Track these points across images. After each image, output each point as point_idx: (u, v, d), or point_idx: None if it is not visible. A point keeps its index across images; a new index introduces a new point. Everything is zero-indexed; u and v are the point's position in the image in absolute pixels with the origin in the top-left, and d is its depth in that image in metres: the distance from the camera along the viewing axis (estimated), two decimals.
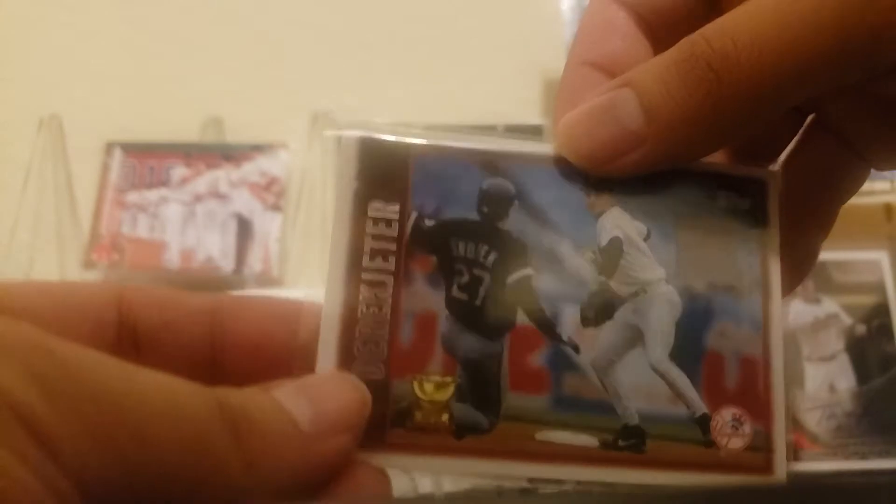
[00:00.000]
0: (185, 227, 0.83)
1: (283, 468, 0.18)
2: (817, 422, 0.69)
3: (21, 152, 0.83)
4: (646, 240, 0.24)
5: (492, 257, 0.23)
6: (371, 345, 0.22)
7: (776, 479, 0.23)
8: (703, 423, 0.23)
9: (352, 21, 0.94)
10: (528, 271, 0.23)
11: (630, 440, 0.23)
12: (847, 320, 0.74)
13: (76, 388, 0.15)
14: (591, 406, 0.23)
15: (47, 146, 0.83)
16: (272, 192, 0.84)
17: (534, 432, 0.23)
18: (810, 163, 0.26)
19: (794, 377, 0.71)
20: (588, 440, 0.23)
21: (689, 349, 0.24)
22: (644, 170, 0.23)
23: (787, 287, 0.24)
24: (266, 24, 0.94)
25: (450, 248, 0.23)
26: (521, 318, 0.23)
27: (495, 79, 0.92)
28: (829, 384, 0.71)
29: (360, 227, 0.23)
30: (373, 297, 0.23)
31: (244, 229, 0.83)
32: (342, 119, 0.85)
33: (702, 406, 0.23)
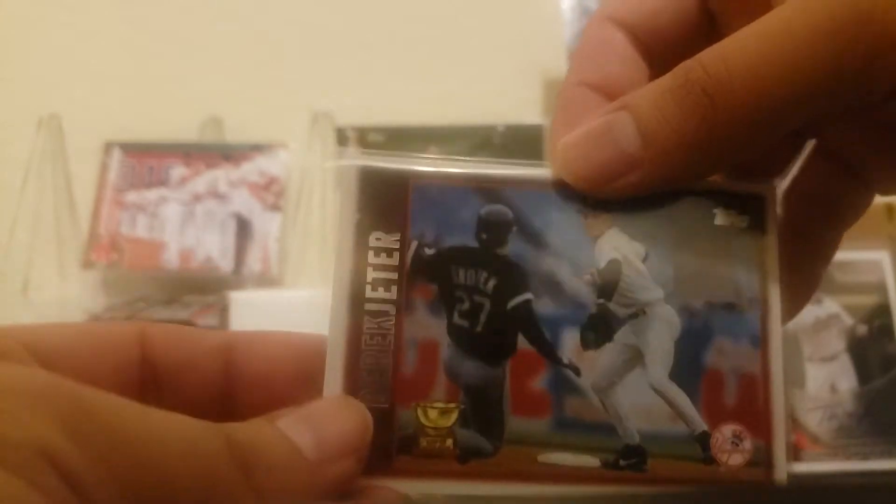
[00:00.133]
0: (184, 226, 0.83)
1: (291, 496, 0.19)
2: (818, 422, 0.69)
3: (20, 152, 0.83)
4: (644, 261, 0.24)
5: (491, 283, 0.24)
6: (375, 374, 0.23)
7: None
8: (704, 440, 0.23)
9: (352, 21, 0.94)
10: (528, 296, 0.24)
11: (631, 459, 0.23)
12: (848, 320, 0.74)
13: (101, 433, 0.16)
14: (593, 427, 0.23)
15: (46, 146, 0.83)
16: (271, 192, 0.84)
17: (536, 455, 0.23)
18: (812, 190, 0.26)
19: (795, 377, 0.71)
20: (590, 461, 0.23)
21: (689, 368, 0.24)
22: (640, 192, 0.23)
23: (788, 314, 0.25)
24: (266, 24, 0.94)
25: (450, 275, 0.24)
26: (522, 343, 0.23)
27: (495, 79, 0.92)
28: (830, 384, 0.71)
29: (362, 258, 0.23)
30: (376, 326, 0.23)
31: (243, 229, 0.83)
32: (342, 119, 0.85)
33: (702, 424, 0.24)
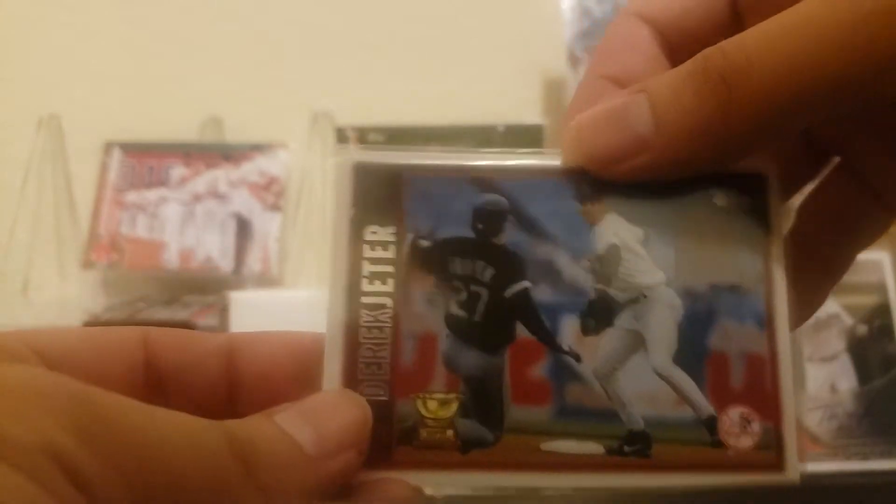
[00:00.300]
0: (184, 226, 0.83)
1: (293, 492, 0.19)
2: (818, 422, 0.69)
3: (20, 152, 0.83)
4: (644, 245, 0.24)
5: (489, 273, 0.24)
6: (374, 367, 0.23)
7: (789, 476, 0.23)
8: (710, 424, 0.23)
9: (352, 21, 0.94)
10: (526, 284, 0.24)
11: (635, 445, 0.23)
12: (848, 320, 0.74)
13: (107, 432, 0.16)
14: (595, 414, 0.23)
15: (46, 146, 0.83)
16: (271, 192, 0.84)
17: (538, 443, 0.23)
18: (830, 207, 0.26)
19: (795, 378, 0.71)
20: (593, 448, 0.23)
21: (693, 351, 0.24)
22: (646, 176, 0.23)
23: (791, 324, 0.24)
24: (266, 24, 0.94)
25: (447, 266, 0.24)
26: (521, 331, 0.23)
27: (495, 79, 0.92)
28: (830, 384, 0.71)
29: (357, 252, 0.23)
30: (373, 319, 0.23)
31: (243, 229, 0.83)
32: (342, 119, 0.85)
33: (708, 407, 0.23)
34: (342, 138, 0.84)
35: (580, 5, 0.87)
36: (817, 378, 0.72)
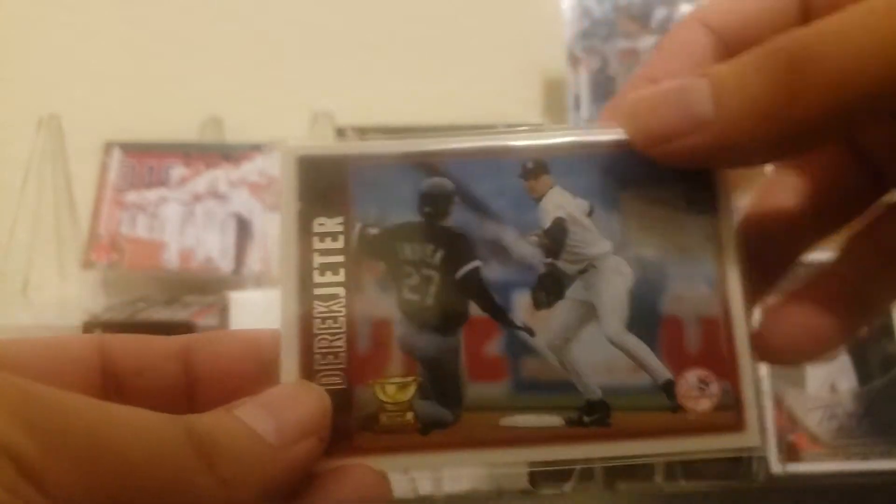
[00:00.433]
0: (184, 226, 0.83)
1: (256, 482, 0.19)
2: (818, 422, 0.69)
3: (20, 152, 0.83)
4: (589, 215, 0.24)
5: (438, 255, 0.24)
6: (330, 356, 0.23)
7: (749, 437, 0.23)
8: (668, 388, 0.23)
9: (352, 21, 0.94)
10: (476, 263, 0.24)
11: (594, 415, 0.23)
12: None
13: (58, 426, 0.16)
14: (552, 386, 0.23)
15: (46, 146, 0.83)
16: (272, 192, 0.84)
17: (498, 419, 0.23)
18: (876, 247, 0.25)
19: (795, 378, 0.71)
20: (553, 420, 0.23)
21: (646, 317, 0.24)
22: (698, 159, 0.22)
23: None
24: (266, 24, 0.94)
25: (396, 252, 0.24)
26: (474, 310, 0.24)
27: (495, 79, 0.92)
28: (830, 384, 0.71)
29: (307, 244, 0.24)
30: (326, 310, 0.23)
31: (243, 229, 0.83)
32: (342, 119, 0.85)
33: (665, 372, 0.23)
34: (342, 138, 0.84)
35: (580, 5, 0.87)
36: (817, 378, 0.71)
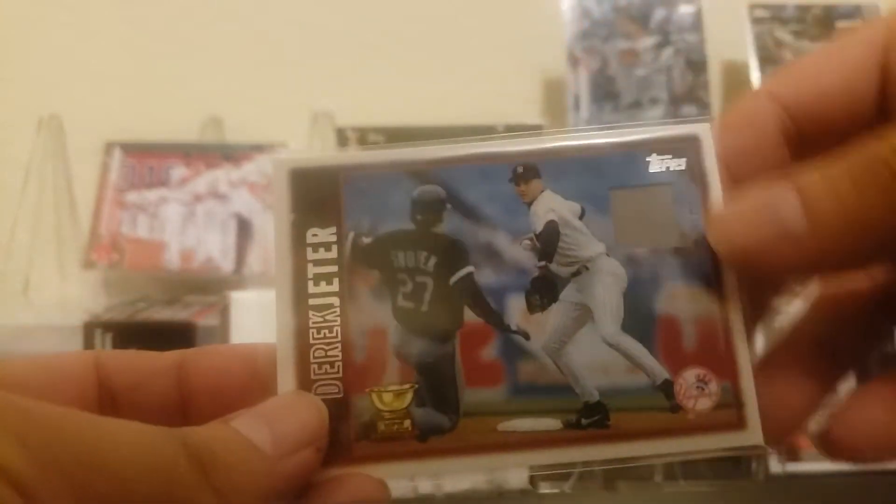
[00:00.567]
0: (184, 227, 0.83)
1: (253, 493, 0.19)
2: (818, 422, 0.69)
3: (21, 152, 0.83)
4: (581, 217, 0.24)
5: (432, 262, 0.24)
6: (327, 366, 0.23)
7: (751, 435, 0.23)
8: (667, 388, 0.23)
9: (352, 21, 0.94)
10: (469, 269, 0.24)
11: (593, 417, 0.23)
12: None
13: (51, 441, 0.16)
14: (549, 390, 0.23)
15: (47, 146, 0.83)
16: (270, 191, 0.84)
17: (496, 424, 0.23)
18: None
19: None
20: (551, 423, 0.23)
21: (641, 317, 0.24)
22: (802, 272, 0.22)
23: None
24: (266, 24, 0.94)
25: (390, 260, 0.24)
26: (469, 316, 0.24)
27: (495, 79, 0.92)
28: None
29: (300, 255, 0.24)
30: (322, 320, 0.23)
31: (244, 229, 0.83)
32: (342, 119, 0.85)
33: (663, 372, 0.23)
34: (342, 138, 0.84)
35: (580, 5, 0.88)
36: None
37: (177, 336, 0.69)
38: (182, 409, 0.24)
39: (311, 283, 0.23)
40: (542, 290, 0.24)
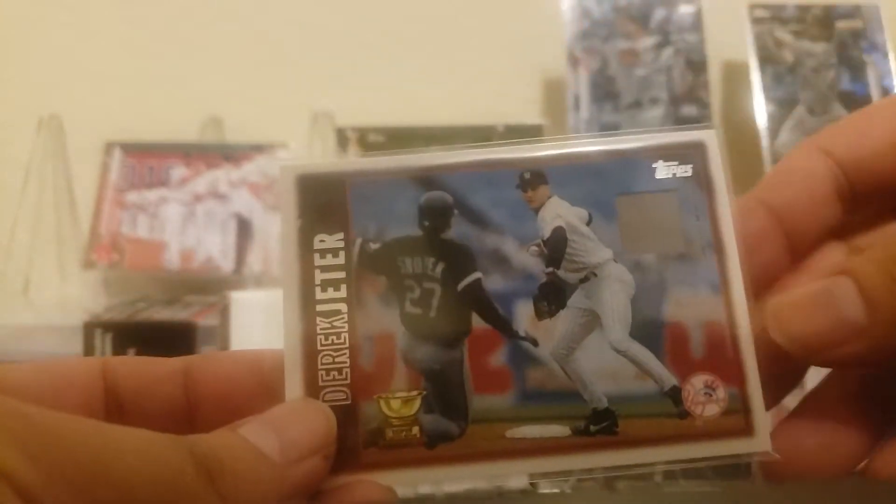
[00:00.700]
0: (184, 227, 0.83)
1: (260, 501, 0.19)
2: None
3: (21, 152, 0.83)
4: (588, 224, 0.24)
5: (440, 268, 0.24)
6: (334, 372, 0.23)
7: (758, 441, 0.23)
8: (675, 394, 0.23)
9: (352, 21, 0.94)
10: (477, 275, 0.24)
11: (601, 424, 0.23)
12: None
13: (57, 449, 0.16)
14: (557, 396, 0.23)
15: (47, 146, 0.83)
16: (272, 193, 0.84)
17: (504, 431, 0.23)
18: None
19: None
20: (559, 430, 0.23)
21: (649, 324, 0.24)
22: (865, 363, 0.22)
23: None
24: (266, 24, 0.94)
25: (397, 266, 0.24)
26: (477, 322, 0.24)
27: (495, 79, 0.92)
28: None
29: (308, 262, 0.24)
30: (329, 326, 0.23)
31: (244, 229, 0.83)
32: (342, 119, 0.85)
33: (671, 378, 0.23)
34: (342, 138, 0.84)
35: (580, 5, 0.88)
36: (816, 377, 0.71)
37: (177, 336, 0.69)
38: (188, 416, 0.24)
39: (318, 289, 0.23)
40: (550, 297, 0.24)
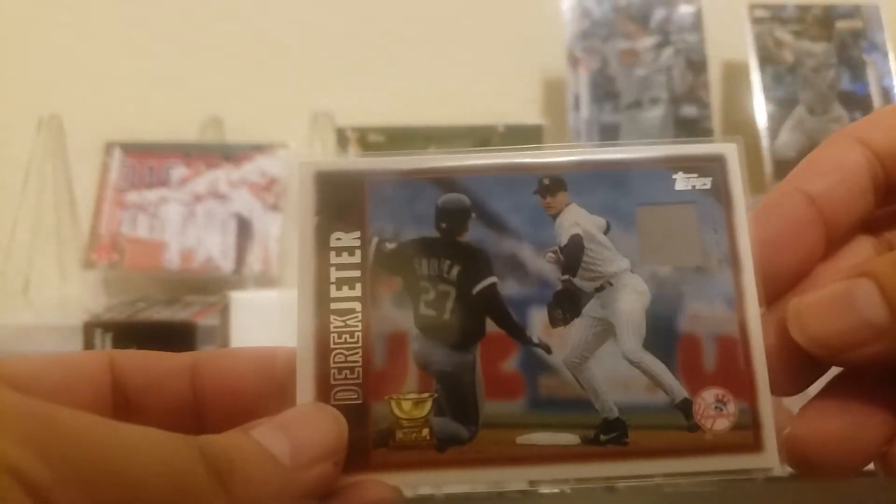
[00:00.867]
0: (184, 227, 0.83)
1: (269, 503, 0.19)
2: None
3: (21, 152, 0.83)
4: (606, 232, 0.24)
5: (455, 271, 0.24)
6: (347, 371, 0.23)
7: (767, 457, 0.23)
8: (686, 407, 0.23)
9: (352, 21, 0.94)
10: (492, 279, 0.24)
11: (611, 433, 0.23)
12: None
13: (68, 447, 0.16)
14: (569, 404, 0.23)
15: (47, 146, 0.83)
16: (272, 192, 0.84)
17: (514, 437, 0.23)
18: None
19: None
20: (569, 438, 0.23)
21: (663, 336, 0.24)
22: (887, 364, 0.21)
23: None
24: (266, 24, 0.94)
25: (413, 267, 0.24)
26: (490, 327, 0.24)
27: (495, 79, 0.92)
28: None
29: (324, 259, 0.24)
30: (343, 325, 0.23)
31: (244, 229, 0.83)
32: (342, 119, 0.85)
33: (682, 391, 0.23)
34: (342, 138, 0.84)
35: (580, 5, 0.88)
36: (819, 385, 0.71)
37: (177, 336, 0.69)
38: (195, 412, 0.24)
39: (333, 287, 0.23)
40: (565, 304, 0.24)
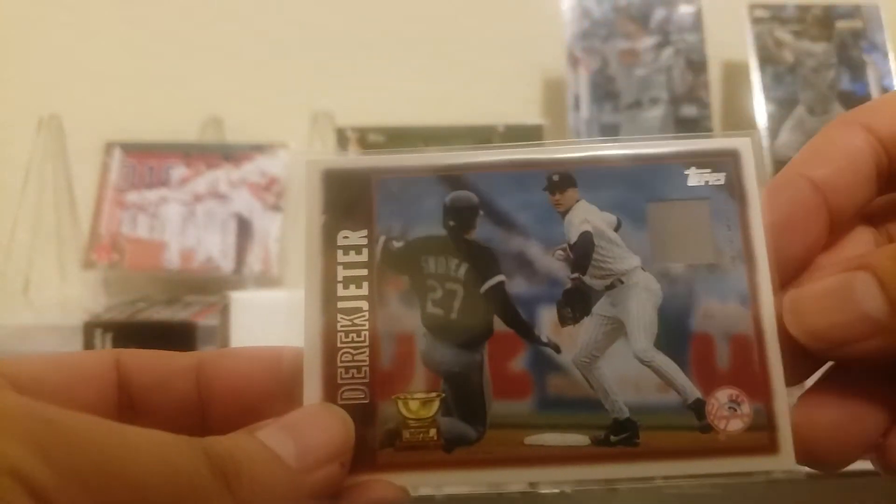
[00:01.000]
0: (184, 227, 0.83)
1: None
2: None
3: (21, 152, 0.83)
4: (617, 230, 0.24)
5: (463, 269, 0.24)
6: (353, 370, 0.23)
7: (783, 459, 0.22)
8: (698, 408, 0.23)
9: (352, 21, 0.94)
10: (501, 278, 0.23)
11: (622, 434, 0.23)
12: None
13: (71, 450, 0.16)
14: (578, 404, 0.23)
15: (47, 146, 0.83)
16: (272, 192, 0.84)
17: (523, 437, 0.23)
18: None
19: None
20: (578, 439, 0.23)
21: (675, 334, 0.23)
22: (885, 358, 0.21)
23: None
24: (266, 24, 0.94)
25: (420, 266, 0.24)
26: (499, 325, 0.23)
27: (495, 79, 0.92)
28: None
29: (331, 258, 0.23)
30: (350, 324, 0.23)
31: (244, 229, 0.83)
32: (342, 119, 0.85)
33: (694, 391, 0.23)
34: (342, 138, 0.84)
35: (580, 5, 0.87)
36: (816, 377, 0.71)
37: (177, 336, 0.69)
38: (201, 411, 0.24)
39: (340, 286, 0.23)
40: (575, 303, 0.23)
